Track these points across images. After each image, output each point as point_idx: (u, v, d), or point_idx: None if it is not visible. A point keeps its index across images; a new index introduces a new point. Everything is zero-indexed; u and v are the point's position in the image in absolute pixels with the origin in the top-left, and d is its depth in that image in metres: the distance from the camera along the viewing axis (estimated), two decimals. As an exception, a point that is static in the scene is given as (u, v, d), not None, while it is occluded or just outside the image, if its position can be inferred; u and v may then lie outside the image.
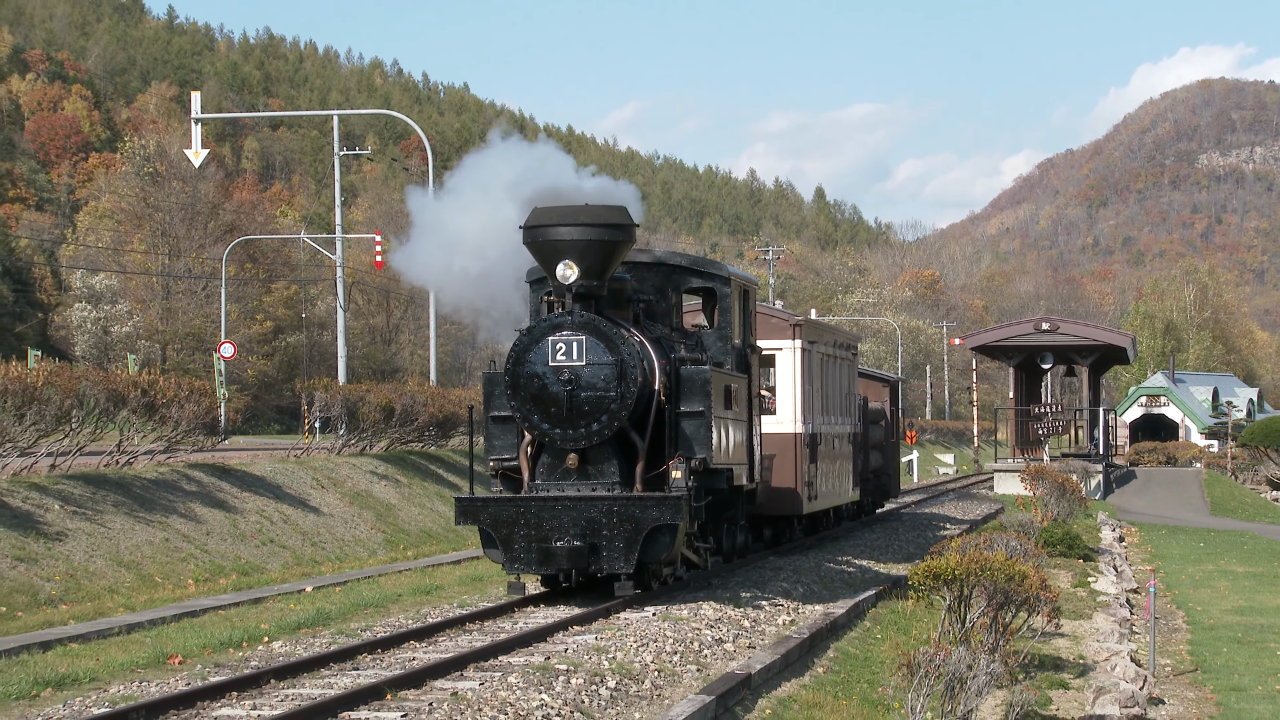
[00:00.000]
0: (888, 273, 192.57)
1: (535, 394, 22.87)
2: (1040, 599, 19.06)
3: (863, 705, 18.42)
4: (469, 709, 15.13)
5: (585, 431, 22.78)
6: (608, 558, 22.27)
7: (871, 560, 32.36)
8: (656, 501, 22.35)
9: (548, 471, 23.35)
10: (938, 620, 20.12)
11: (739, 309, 26.75)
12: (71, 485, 29.96)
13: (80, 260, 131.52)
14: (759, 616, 22.69)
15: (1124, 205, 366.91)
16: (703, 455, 23.25)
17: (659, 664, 18.70)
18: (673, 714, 15.75)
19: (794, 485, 31.31)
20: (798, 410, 31.57)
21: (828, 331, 36.95)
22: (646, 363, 23.23)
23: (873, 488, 42.56)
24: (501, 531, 22.52)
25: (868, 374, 45.33)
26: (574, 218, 23.18)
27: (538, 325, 23.35)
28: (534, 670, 17.33)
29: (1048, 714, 18.77)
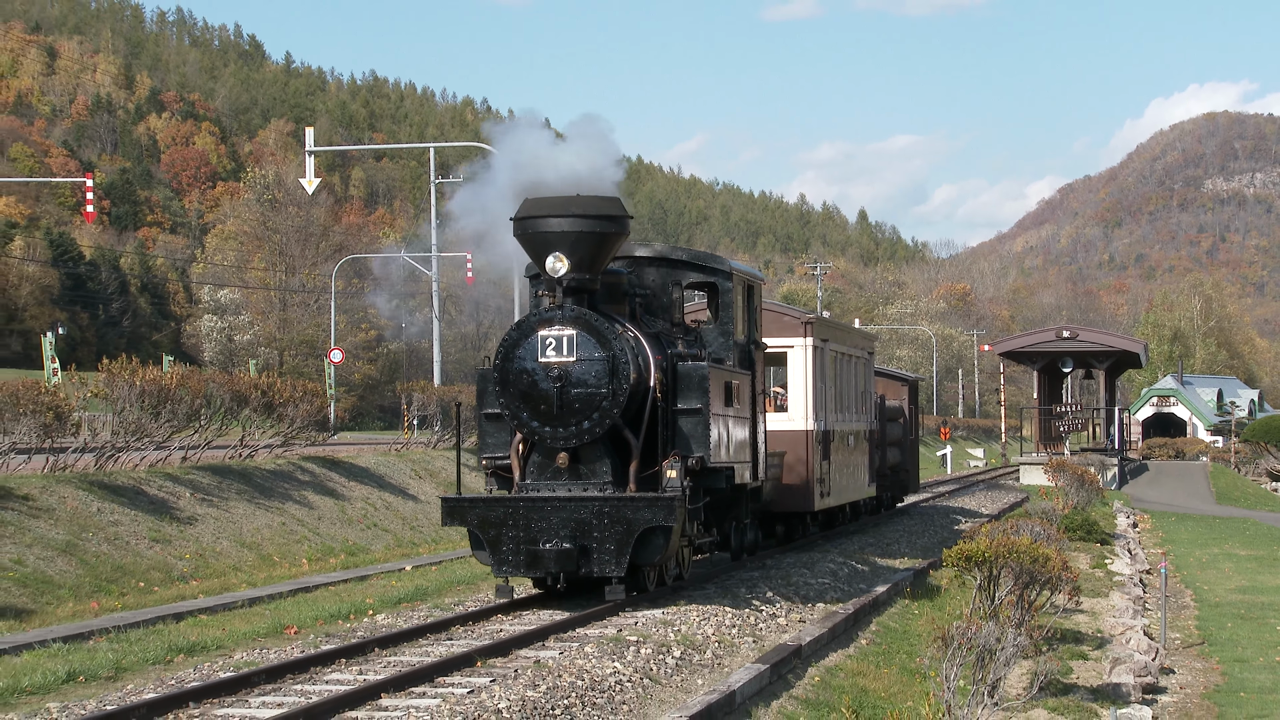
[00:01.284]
0: (923, 286, 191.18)
1: (525, 391, 19.80)
2: (1062, 579, 18.96)
3: (901, 674, 18.43)
4: (549, 674, 14.98)
5: (576, 430, 19.68)
6: (598, 560, 19.24)
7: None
8: (649, 502, 19.26)
9: (538, 471, 20.17)
10: (969, 598, 20.06)
11: (742, 304, 23.41)
12: (200, 475, 30.29)
13: (208, 276, 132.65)
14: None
15: (1137, 225, 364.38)
16: (700, 454, 20.12)
17: (719, 635, 18.58)
18: (735, 679, 15.60)
19: (806, 482, 28.06)
20: (809, 407, 28.36)
21: (841, 331, 33.63)
22: (641, 359, 20.14)
23: (891, 483, 39.33)
24: (489, 533, 19.53)
25: (886, 373, 42.16)
26: (564, 209, 20.06)
27: (527, 319, 20.20)
28: (608, 641, 17.22)
29: (1069, 682, 18.62)
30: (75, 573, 22.69)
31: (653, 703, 14.15)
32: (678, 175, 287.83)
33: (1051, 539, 23.25)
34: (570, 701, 13.39)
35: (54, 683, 15.23)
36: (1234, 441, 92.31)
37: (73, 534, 23.99)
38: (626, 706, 13.69)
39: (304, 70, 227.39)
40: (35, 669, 15.70)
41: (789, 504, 27.75)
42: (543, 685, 14.26)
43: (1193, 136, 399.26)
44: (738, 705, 15.00)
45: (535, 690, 13.57)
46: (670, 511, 19.11)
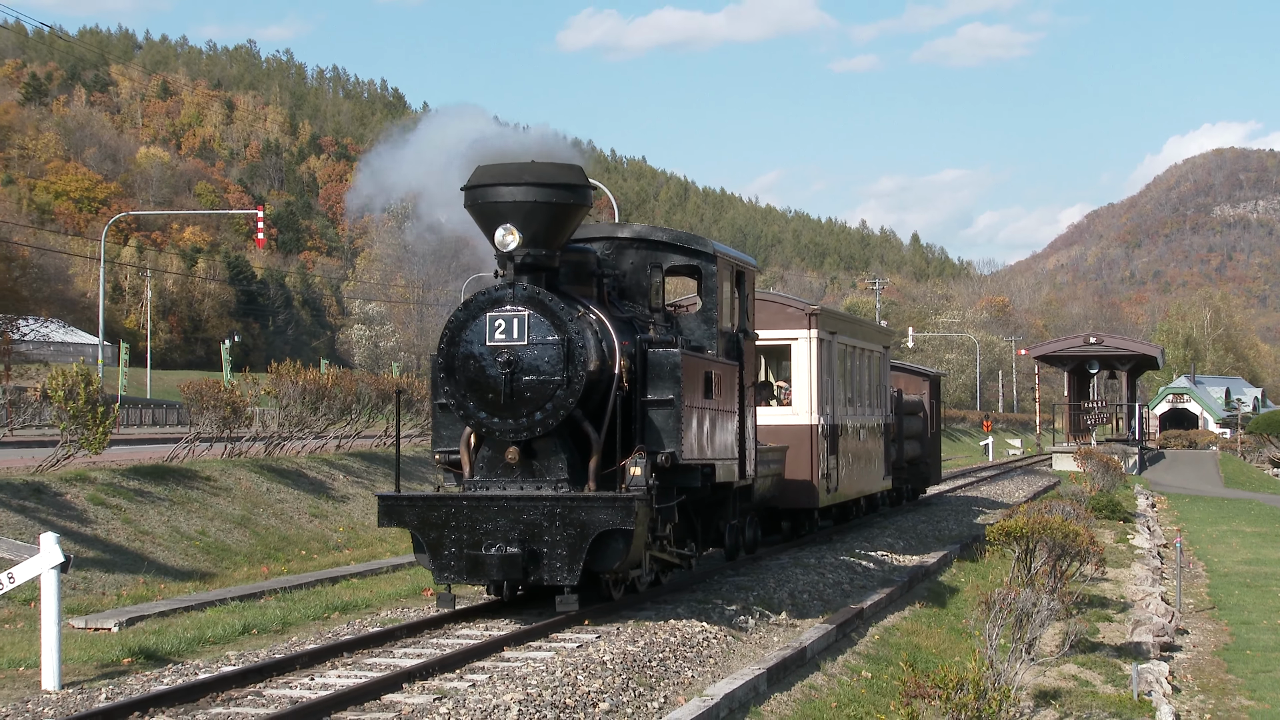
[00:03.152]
0: (968, 299, 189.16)
1: (471, 378, 15.20)
2: (1089, 551, 18.76)
3: (949, 633, 18.31)
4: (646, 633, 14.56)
5: (527, 421, 15.08)
6: (549, 567, 14.65)
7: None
8: (605, 502, 14.66)
9: (487, 467, 15.49)
10: (1008, 569, 19.96)
11: (729, 291, 18.51)
12: (351, 461, 30.51)
13: (358, 292, 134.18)
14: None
15: (1154, 246, 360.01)
16: (671, 449, 15.57)
17: (793, 600, 18.59)
18: (805, 637, 15.45)
19: (810, 478, 23.08)
20: (813, 401, 23.33)
21: (852, 324, 27.78)
22: (606, 344, 15.53)
23: (910, 476, 34.31)
24: (430, 535, 14.97)
25: (907, 368, 37.57)
26: (517, 176, 15.48)
27: (475, 299, 15.55)
28: (697, 603, 16.67)
29: (1096, 641, 18.45)
30: (249, 542, 22.77)
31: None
32: (756, 204, 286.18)
33: (1080, 517, 22.98)
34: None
35: (232, 634, 15.21)
36: (1240, 433, 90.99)
37: (246, 509, 24.15)
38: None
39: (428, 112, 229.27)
40: (217, 623, 15.71)
41: (792, 500, 22.86)
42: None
43: (1203, 169, 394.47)
44: (808, 659, 14.69)
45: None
46: (629, 513, 14.52)
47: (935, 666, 12.52)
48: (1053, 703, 14.76)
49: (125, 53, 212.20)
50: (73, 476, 22.13)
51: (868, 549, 23.81)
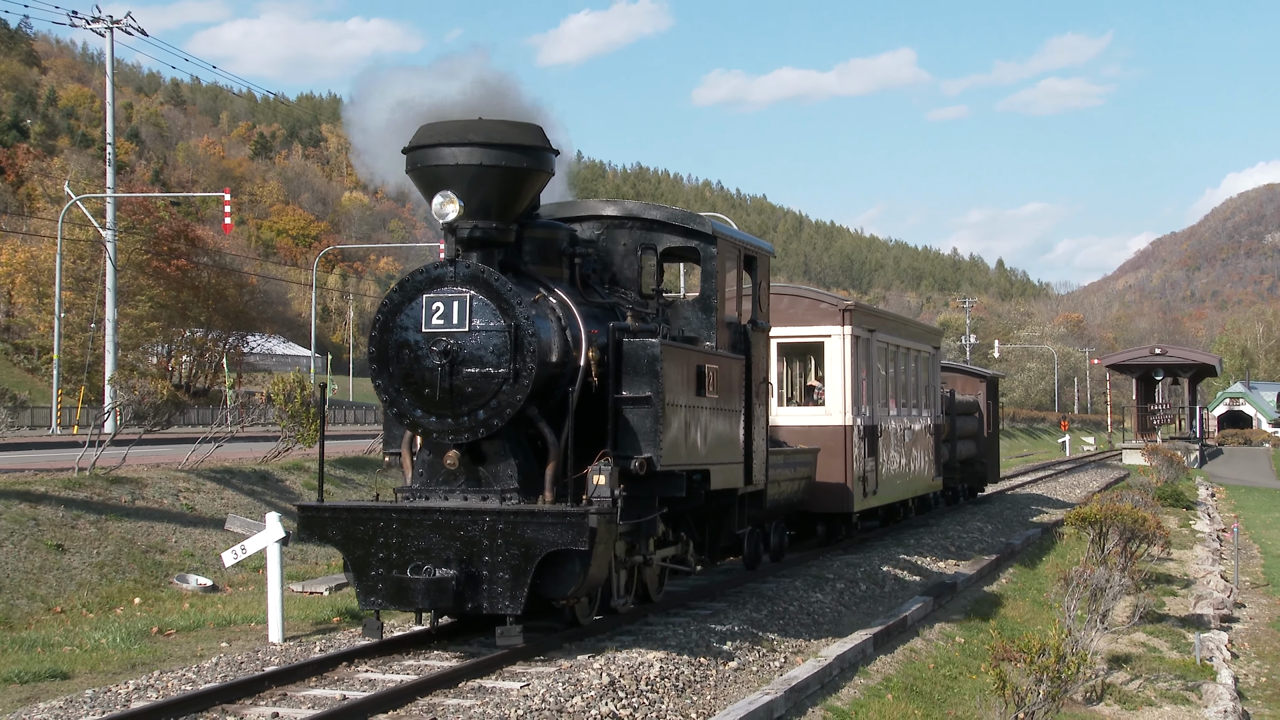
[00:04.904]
0: (1047, 315, 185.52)
1: (406, 370, 11.07)
2: (1156, 535, 18.43)
3: (1033, 605, 18.03)
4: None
5: (469, 421, 10.94)
6: (488, 592, 10.49)
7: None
8: (554, 518, 10.44)
9: (427, 473, 11.31)
10: (1084, 549, 19.68)
11: (735, 277, 14.22)
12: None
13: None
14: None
15: (1212, 269, 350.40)
16: (649, 453, 11.34)
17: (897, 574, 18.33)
18: (905, 609, 15.06)
19: (844, 481, 18.45)
20: (847, 401, 18.68)
21: (895, 322, 22.93)
22: (571, 333, 11.44)
23: (966, 475, 29.55)
24: (355, 553, 10.82)
25: (962, 369, 32.61)
26: (460, 135, 11.22)
27: (412, 278, 11.26)
28: (811, 577, 16.01)
29: (1162, 613, 18.08)
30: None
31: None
32: (861, 234, 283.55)
33: (1148, 505, 22.59)
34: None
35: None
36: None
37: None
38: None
39: (590, 163, 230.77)
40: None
41: (825, 504, 18.33)
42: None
43: (1257, 201, 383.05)
44: (909, 626, 14.28)
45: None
46: (580, 531, 10.31)
47: (1021, 634, 12.38)
48: (1124, 666, 14.49)
49: (333, 114, 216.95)
50: (291, 466, 22.55)
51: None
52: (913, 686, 11.86)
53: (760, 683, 10.71)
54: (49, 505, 16.53)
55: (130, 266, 60.67)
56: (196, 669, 10.46)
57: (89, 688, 9.90)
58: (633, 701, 9.47)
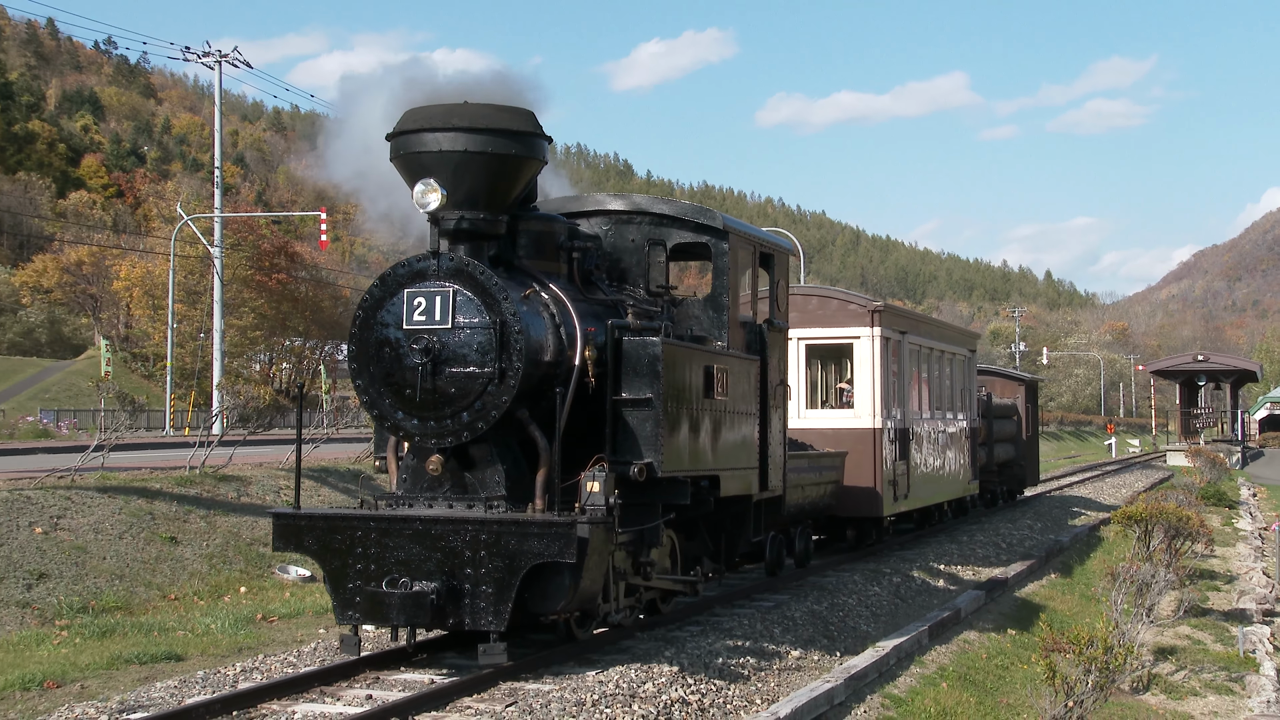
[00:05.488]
0: (1093, 324, 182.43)
1: (387, 369, 9.72)
2: (1200, 532, 18.07)
3: (1080, 599, 17.78)
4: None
5: (452, 424, 9.58)
6: (470, 607, 9.10)
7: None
8: (540, 528, 9.06)
9: (411, 479, 9.99)
10: (1130, 547, 19.39)
11: (751, 275, 12.91)
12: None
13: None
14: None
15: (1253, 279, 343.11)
16: (649, 459, 9.93)
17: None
18: (959, 600, 14.88)
19: (873, 484, 16.83)
20: (877, 403, 17.04)
21: (928, 324, 21.05)
22: (565, 330, 10.05)
23: (1004, 478, 27.63)
24: (332, 564, 9.45)
25: (1000, 373, 30.45)
26: (444, 120, 9.85)
27: (392, 272, 9.89)
28: (869, 571, 16.47)
29: (1206, 607, 17.77)
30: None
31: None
32: (916, 248, 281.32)
33: (1191, 504, 22.24)
34: None
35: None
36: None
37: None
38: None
39: (659, 181, 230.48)
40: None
41: (853, 509, 16.73)
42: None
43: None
44: (962, 619, 14.11)
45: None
46: (567, 542, 8.91)
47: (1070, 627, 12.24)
48: (1169, 658, 14.25)
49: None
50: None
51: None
52: (966, 675, 11.72)
53: (821, 671, 10.64)
54: (164, 501, 16.84)
55: (235, 280, 61.78)
56: (297, 653, 10.43)
57: (200, 669, 10.00)
58: (698, 689, 9.26)
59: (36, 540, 14.42)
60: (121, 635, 11.99)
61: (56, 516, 15.08)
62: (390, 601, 8.97)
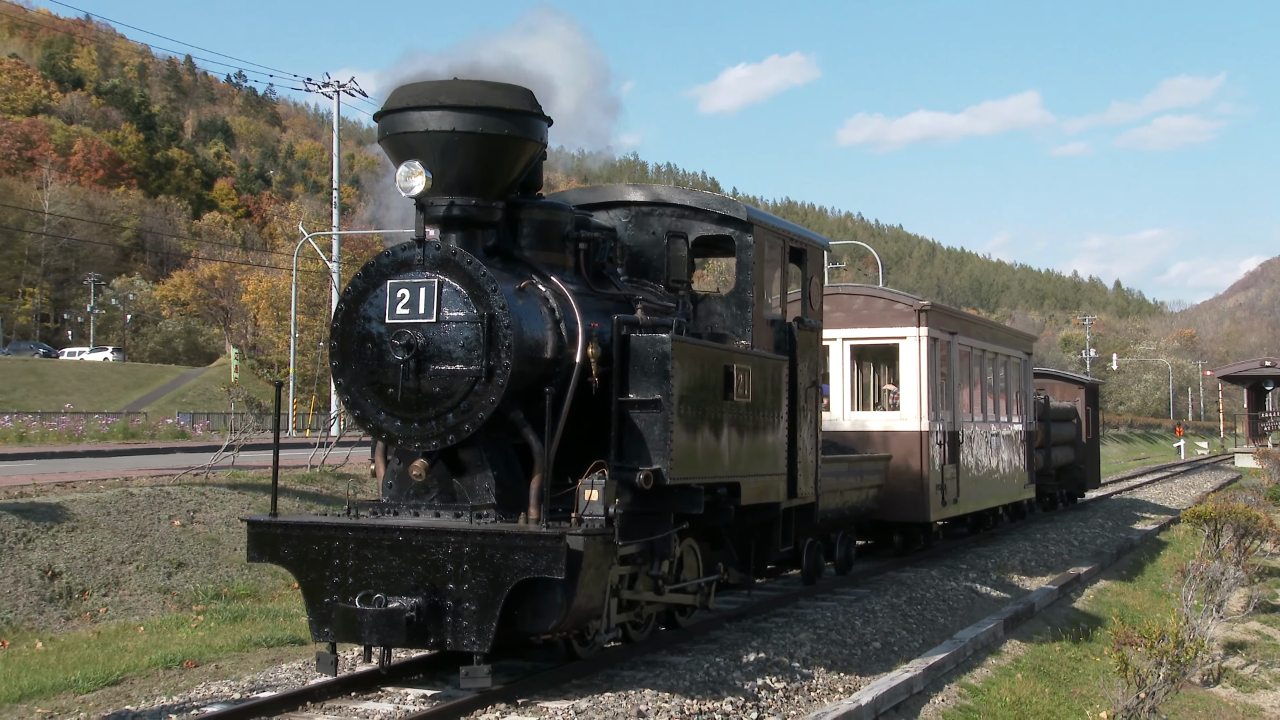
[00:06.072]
0: (1161, 331, 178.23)
1: (370, 367, 8.38)
2: (1269, 531, 17.51)
3: (1151, 595, 17.37)
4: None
5: (437, 426, 8.23)
6: (453, 626, 7.71)
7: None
8: (526, 541, 7.61)
9: (397, 485, 8.66)
10: (1199, 545, 18.94)
11: (779, 270, 11.27)
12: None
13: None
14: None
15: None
16: (658, 464, 8.54)
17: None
18: (1033, 596, 14.56)
19: (920, 489, 15.12)
20: (923, 405, 15.26)
21: (980, 325, 19.12)
22: (566, 325, 8.65)
23: (1064, 481, 25.91)
24: (308, 575, 8.11)
25: (1059, 375, 28.52)
26: (431, 98, 8.44)
27: (376, 262, 8.52)
28: (946, 567, 16.37)
29: (1275, 604, 17.33)
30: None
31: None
32: (989, 259, 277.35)
33: (1260, 504, 21.69)
34: None
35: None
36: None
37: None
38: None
39: (740, 198, 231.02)
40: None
41: (899, 513, 15.19)
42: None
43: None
44: (1036, 613, 13.78)
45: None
46: (556, 557, 7.54)
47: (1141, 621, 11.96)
48: (1239, 652, 13.86)
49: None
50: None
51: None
52: (1040, 667, 11.49)
53: (901, 661, 10.53)
54: (287, 497, 17.14)
55: (353, 293, 62.71)
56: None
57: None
58: (784, 678, 9.03)
59: (175, 532, 14.80)
60: (251, 620, 12.24)
61: (193, 510, 15.46)
62: (362, 619, 7.60)
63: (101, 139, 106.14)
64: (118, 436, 30.38)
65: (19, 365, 65.87)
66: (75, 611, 12.16)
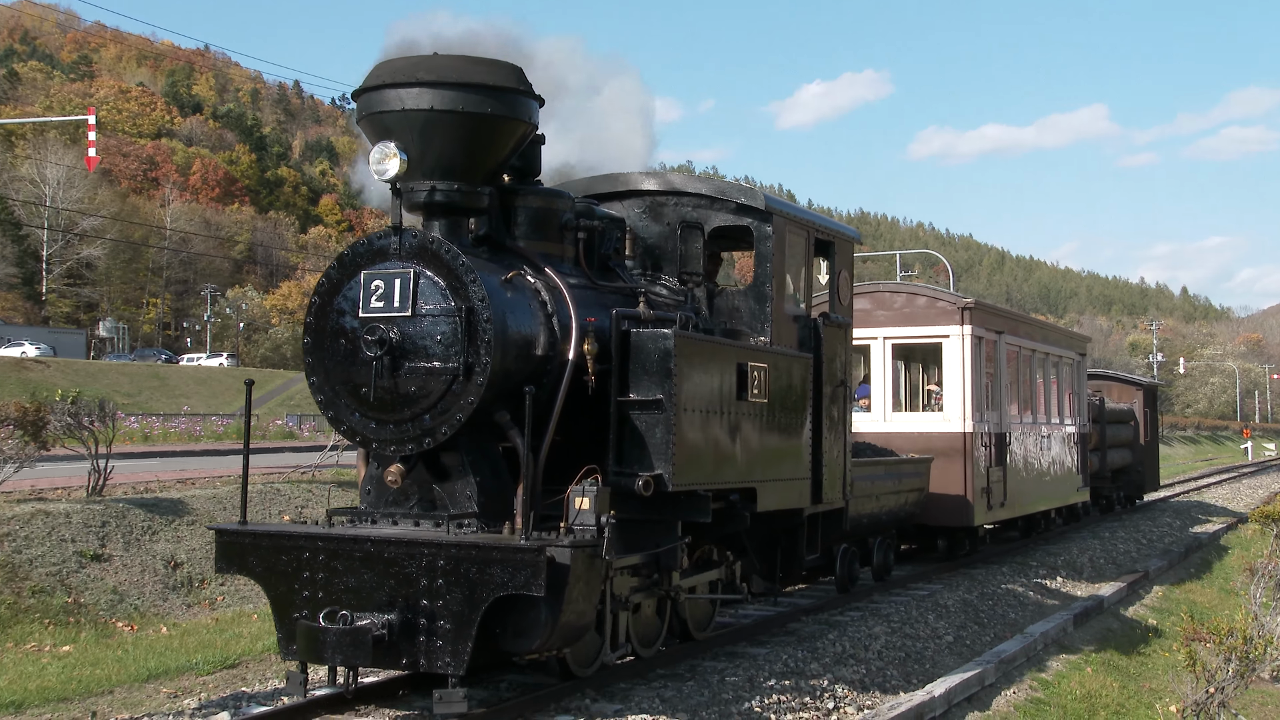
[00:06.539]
0: (1228, 336, 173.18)
1: (343, 363, 7.30)
2: (1337, 530, 17.16)
3: (1220, 593, 16.91)
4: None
5: (413, 428, 7.14)
6: (426, 646, 6.59)
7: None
8: (504, 554, 6.49)
9: (376, 491, 7.56)
10: (1268, 544, 18.39)
11: (801, 261, 10.04)
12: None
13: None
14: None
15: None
16: (659, 470, 7.40)
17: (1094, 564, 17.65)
18: (1102, 592, 14.46)
19: (963, 492, 13.93)
20: (967, 406, 14.06)
21: (1028, 325, 17.58)
22: (559, 319, 7.54)
23: (1119, 485, 24.33)
24: (277, 588, 7.09)
25: (1116, 377, 26.99)
26: (408, 74, 7.31)
27: (351, 251, 7.46)
28: (1016, 564, 16.31)
29: (1346, 602, 16.79)
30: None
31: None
32: (1057, 267, 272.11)
33: (1329, 503, 21.00)
34: None
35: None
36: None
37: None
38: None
39: (818, 209, 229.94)
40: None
41: (941, 518, 13.94)
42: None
43: None
44: (1106, 608, 13.59)
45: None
46: (535, 572, 6.47)
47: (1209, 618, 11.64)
48: (1309, 650, 13.44)
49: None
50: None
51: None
52: (1109, 662, 11.24)
53: (973, 655, 10.35)
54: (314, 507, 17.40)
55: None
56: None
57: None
58: (859, 669, 8.89)
59: (285, 527, 15.16)
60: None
61: (300, 506, 15.74)
62: (325, 639, 6.56)
63: (218, 159, 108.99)
64: (232, 436, 31.05)
65: (143, 370, 67.54)
66: (195, 599, 12.40)
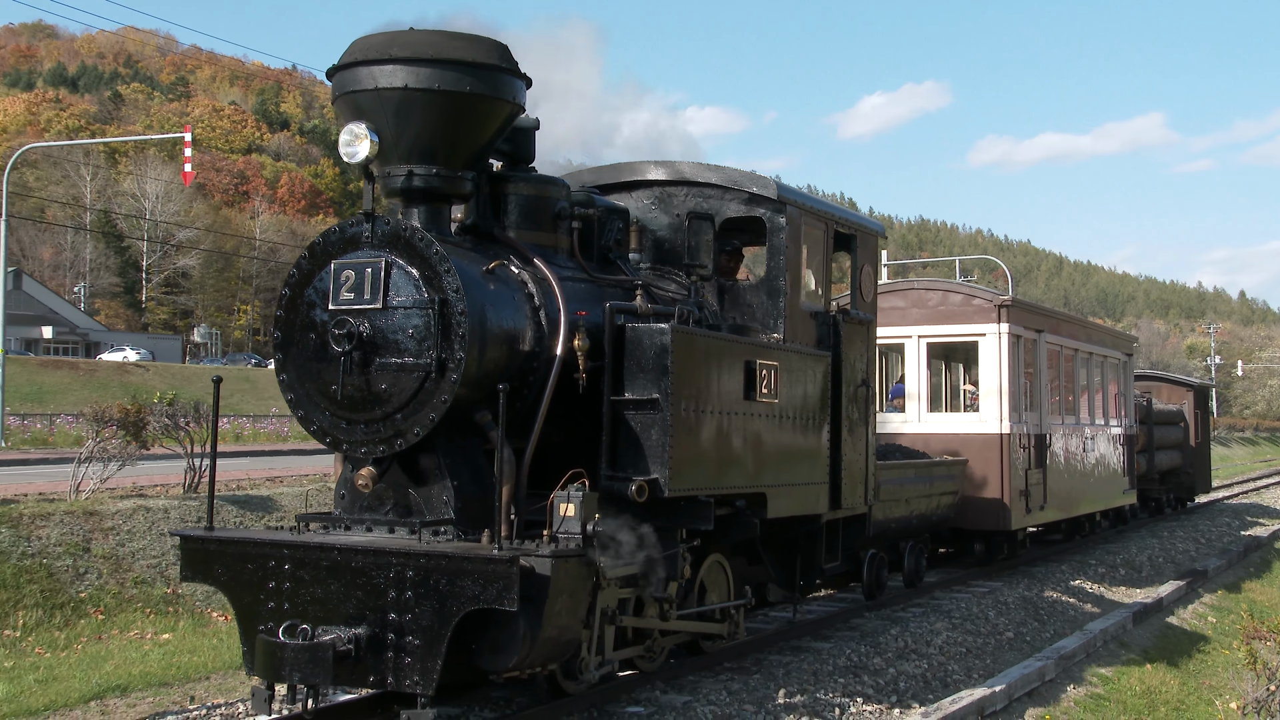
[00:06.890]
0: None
1: (313, 359, 6.52)
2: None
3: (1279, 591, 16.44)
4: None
5: (384, 428, 6.33)
6: (394, 662, 5.77)
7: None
8: (476, 565, 5.64)
9: (350, 496, 6.70)
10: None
11: (821, 256, 9.21)
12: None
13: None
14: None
15: None
16: (655, 474, 6.56)
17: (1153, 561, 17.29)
18: (1161, 591, 14.34)
19: (1000, 495, 12.91)
20: (1004, 406, 13.01)
21: (1070, 324, 16.50)
22: (547, 313, 6.70)
23: (1170, 486, 23.16)
24: (242, 599, 6.30)
25: (1165, 378, 25.67)
26: (382, 50, 6.49)
27: (323, 240, 6.69)
28: (1075, 562, 16.46)
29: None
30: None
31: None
32: (1115, 271, 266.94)
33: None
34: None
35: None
36: None
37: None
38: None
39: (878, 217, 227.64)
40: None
41: (977, 521, 12.96)
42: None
43: None
44: (1165, 606, 13.22)
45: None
46: (507, 584, 5.60)
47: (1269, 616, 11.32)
48: (1369, 649, 13.00)
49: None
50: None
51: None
52: (1169, 659, 10.99)
53: (1033, 651, 10.17)
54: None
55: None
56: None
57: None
58: (921, 664, 8.79)
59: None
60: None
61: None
62: (283, 654, 5.82)
63: (303, 173, 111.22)
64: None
65: (234, 374, 68.68)
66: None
